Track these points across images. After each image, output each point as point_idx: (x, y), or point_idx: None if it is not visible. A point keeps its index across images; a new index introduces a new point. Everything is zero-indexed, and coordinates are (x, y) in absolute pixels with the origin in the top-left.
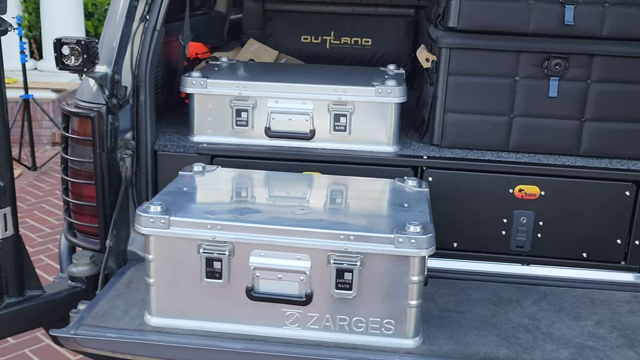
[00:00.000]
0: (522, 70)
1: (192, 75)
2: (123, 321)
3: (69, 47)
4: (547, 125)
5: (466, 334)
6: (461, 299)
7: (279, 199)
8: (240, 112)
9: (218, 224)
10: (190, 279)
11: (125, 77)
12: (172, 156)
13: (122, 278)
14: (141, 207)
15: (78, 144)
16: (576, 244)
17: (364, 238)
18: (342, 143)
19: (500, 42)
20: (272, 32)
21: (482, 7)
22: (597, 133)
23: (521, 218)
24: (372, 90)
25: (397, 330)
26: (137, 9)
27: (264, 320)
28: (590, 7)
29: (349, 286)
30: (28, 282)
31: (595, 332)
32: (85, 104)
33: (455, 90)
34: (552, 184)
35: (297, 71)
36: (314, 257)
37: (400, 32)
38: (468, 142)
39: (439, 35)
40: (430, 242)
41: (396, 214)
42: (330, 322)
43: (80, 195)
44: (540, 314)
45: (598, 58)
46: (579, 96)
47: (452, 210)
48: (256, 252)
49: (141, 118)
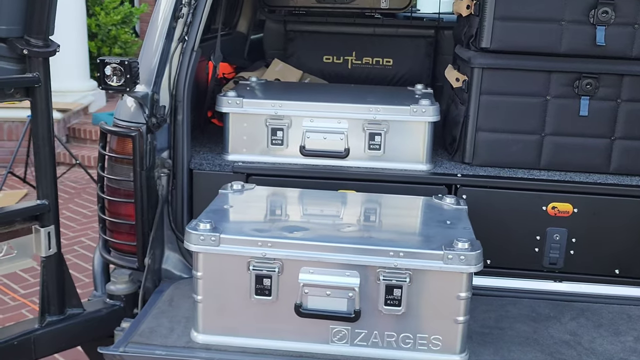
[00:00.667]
0: (554, 89)
1: (228, 94)
2: (170, 339)
3: (112, 67)
4: (578, 143)
5: (510, 350)
6: (500, 316)
7: (322, 216)
8: (276, 131)
9: (268, 241)
10: (239, 296)
11: (163, 96)
12: (208, 175)
13: (162, 296)
14: (190, 224)
15: (116, 162)
16: (608, 260)
17: (413, 255)
18: (377, 161)
19: (532, 62)
20: (294, 52)
21: (515, 28)
22: (627, 151)
23: (554, 235)
24: (407, 110)
25: (444, 346)
26: (176, 30)
27: (312, 337)
28: (621, 29)
29: (398, 302)
30: (69, 301)
31: (637, 348)
32: (125, 123)
33: (487, 109)
34: (585, 201)
35: (329, 91)
36: (363, 273)
37: (421, 52)
38: (499, 160)
39: (471, 55)
40: (479, 258)
41: (441, 231)
42: (378, 339)
43: (118, 214)
44: (580, 330)
45: (628, 78)
46: (609, 115)
47: (485, 227)
48: (305, 268)
49: (178, 137)
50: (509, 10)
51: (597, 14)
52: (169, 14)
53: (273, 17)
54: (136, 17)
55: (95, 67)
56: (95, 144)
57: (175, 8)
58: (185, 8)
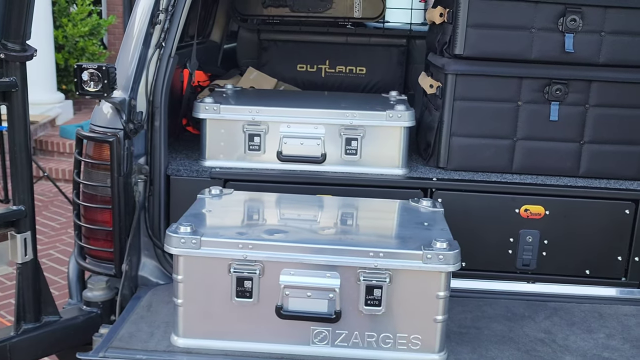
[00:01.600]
0: (525, 95)
1: (205, 101)
2: (150, 343)
3: (89, 73)
4: (549, 147)
5: (488, 349)
6: (477, 316)
7: (302, 219)
8: (253, 137)
9: (249, 243)
10: (220, 299)
11: (140, 102)
12: (185, 181)
13: (141, 302)
14: (170, 228)
15: (93, 168)
16: (579, 261)
17: (393, 255)
18: (353, 166)
19: (504, 68)
20: (268, 60)
21: (487, 36)
22: (595, 155)
23: (527, 237)
24: (383, 115)
25: (423, 345)
26: (153, 36)
27: (293, 339)
28: (588, 36)
29: (378, 302)
30: (45, 308)
31: (608, 344)
32: (102, 129)
33: (461, 115)
34: (556, 204)
35: (306, 97)
36: (344, 274)
37: (393, 60)
38: (473, 164)
39: (445, 62)
40: (457, 257)
41: (419, 232)
42: (359, 339)
43: (94, 220)
44: (554, 328)
45: (596, 84)
46: (578, 120)
47: (460, 230)
48: (286, 270)
49: (155, 143)
50: (481, 18)
51: (565, 22)
52: (146, 20)
53: (247, 26)
54: (104, 29)
55: (62, 79)
56: (63, 156)
57: (152, 14)
58: (163, 14)
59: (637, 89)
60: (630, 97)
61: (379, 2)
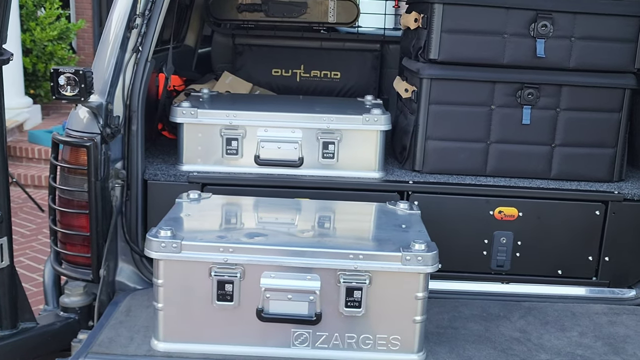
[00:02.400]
0: (498, 99)
1: (183, 105)
2: (130, 348)
3: (65, 77)
4: (521, 150)
5: (465, 348)
6: (454, 316)
7: (281, 222)
8: (231, 141)
9: (230, 246)
10: (200, 302)
11: (117, 106)
12: (163, 185)
13: (119, 307)
14: (150, 232)
15: (69, 173)
16: (552, 261)
17: (372, 257)
18: (330, 170)
19: (477, 73)
20: (243, 65)
21: (461, 41)
22: (566, 157)
23: (501, 238)
24: (360, 119)
25: (403, 345)
26: (130, 41)
27: (274, 341)
28: (559, 41)
29: (358, 304)
30: (21, 314)
31: (581, 342)
32: (79, 133)
33: (436, 118)
34: (529, 206)
35: (282, 101)
36: (324, 276)
37: (367, 65)
38: (448, 167)
39: (420, 67)
40: (435, 259)
41: (397, 234)
42: (339, 341)
43: (71, 225)
44: (528, 327)
45: (566, 88)
46: (550, 123)
47: (436, 232)
48: (267, 273)
49: (132, 147)
50: (455, 24)
51: (536, 27)
52: (122, 24)
53: (221, 30)
54: (73, 33)
55: (30, 83)
56: (32, 162)
57: (129, 18)
58: (139, 19)
59: (606, 93)
60: (599, 101)
61: (353, 7)
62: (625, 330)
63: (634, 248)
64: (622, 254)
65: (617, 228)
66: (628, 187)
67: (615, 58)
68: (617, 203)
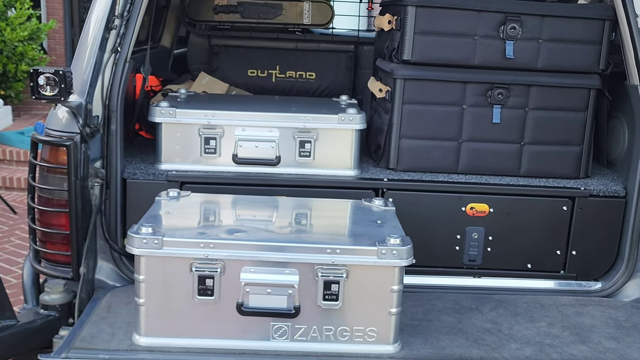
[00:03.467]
0: (469, 99)
1: (161, 105)
2: (112, 343)
3: (45, 77)
4: (492, 149)
5: (439, 339)
6: (427, 309)
7: (260, 219)
8: (209, 140)
9: (210, 242)
10: (181, 297)
11: (96, 106)
12: (142, 184)
13: (100, 304)
14: (132, 229)
15: (49, 172)
16: (522, 256)
17: (349, 251)
18: (307, 168)
19: (449, 73)
20: (219, 66)
21: (433, 42)
22: (535, 155)
23: (473, 234)
24: (336, 118)
25: (379, 337)
26: (109, 41)
27: (254, 335)
28: (527, 43)
29: (335, 297)
30: (2, 312)
31: (550, 332)
32: (58, 133)
33: (410, 118)
34: (500, 202)
35: (259, 101)
36: (302, 271)
37: (342, 66)
38: (421, 165)
39: (394, 67)
40: (410, 252)
41: (373, 230)
42: (317, 333)
43: (50, 224)
44: (499, 319)
45: (534, 88)
46: (519, 122)
47: (410, 228)
48: (247, 268)
49: (111, 147)
50: (428, 26)
51: (506, 29)
52: (101, 24)
53: (197, 31)
54: (44, 34)
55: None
56: (4, 163)
57: (108, 19)
58: (118, 19)
59: (572, 93)
60: (566, 100)
61: (327, 9)
62: (591, 321)
63: (599, 242)
64: (588, 248)
65: (583, 223)
66: (594, 183)
67: (581, 59)
68: (584, 199)
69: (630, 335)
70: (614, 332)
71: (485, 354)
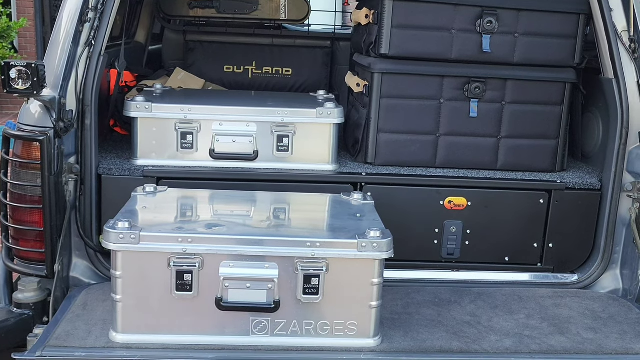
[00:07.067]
0: (446, 93)
1: (137, 99)
2: (89, 340)
3: (17, 70)
4: (469, 142)
5: (419, 332)
6: (407, 302)
7: (239, 213)
8: (186, 135)
9: (189, 237)
10: (160, 293)
11: (69, 100)
12: (118, 180)
13: (75, 301)
14: (108, 224)
15: (22, 168)
16: (499, 249)
17: (329, 244)
18: (285, 163)
19: (426, 67)
20: (194, 62)
21: (411, 36)
22: (511, 149)
23: (451, 227)
24: (314, 112)
25: (359, 331)
26: (82, 34)
27: (233, 330)
28: (503, 37)
29: (315, 291)
30: None
31: (528, 324)
32: (31, 128)
33: (387, 112)
34: (477, 195)
35: (236, 96)
36: (282, 265)
37: (318, 61)
38: (399, 159)
39: (372, 61)
40: (390, 245)
41: (353, 223)
42: (297, 327)
43: (23, 221)
44: (478, 311)
45: (511, 82)
46: (496, 116)
47: (388, 222)
48: (225, 262)
49: (86, 142)
50: (405, 19)
51: (482, 23)
52: (75, 17)
53: (172, 27)
54: (15, 32)
55: None
56: None
57: (81, 12)
58: (92, 12)
59: (548, 87)
60: (542, 94)
61: (304, 4)
62: (569, 312)
63: (576, 235)
64: (565, 241)
65: (560, 216)
66: (570, 176)
67: (556, 53)
68: (560, 192)
69: (607, 326)
70: (592, 323)
71: (466, 346)
